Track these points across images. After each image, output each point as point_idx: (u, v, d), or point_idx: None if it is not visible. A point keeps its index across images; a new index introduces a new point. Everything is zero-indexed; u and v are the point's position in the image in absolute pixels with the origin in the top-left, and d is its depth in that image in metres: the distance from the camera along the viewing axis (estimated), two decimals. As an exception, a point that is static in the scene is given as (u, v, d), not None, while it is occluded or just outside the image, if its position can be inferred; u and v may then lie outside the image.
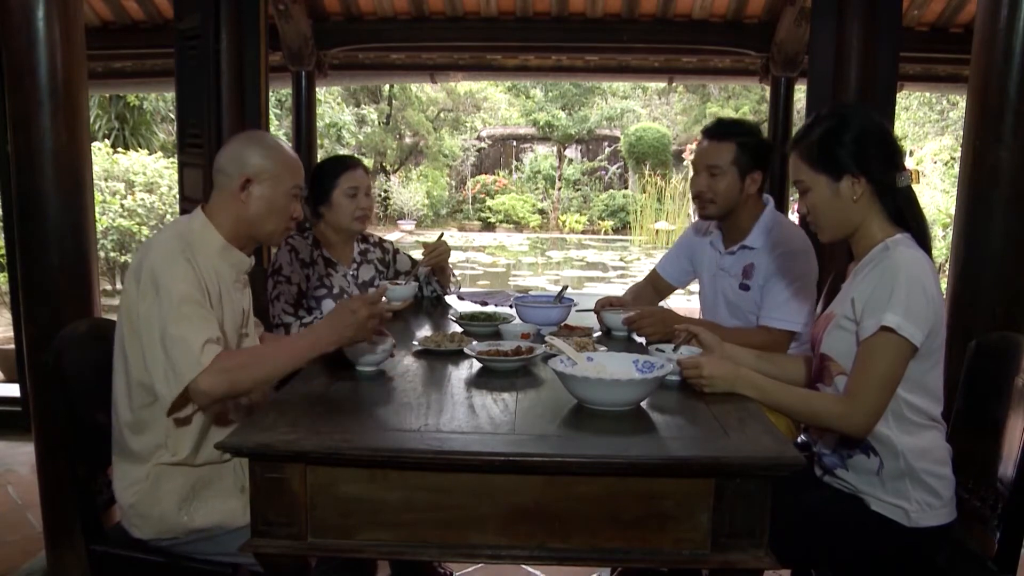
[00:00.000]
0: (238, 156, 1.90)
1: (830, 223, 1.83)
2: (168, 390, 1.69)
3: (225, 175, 1.90)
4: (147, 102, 12.40)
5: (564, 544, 1.45)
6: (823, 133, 1.79)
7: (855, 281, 1.80)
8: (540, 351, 2.02)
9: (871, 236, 1.80)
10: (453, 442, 1.47)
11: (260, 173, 1.88)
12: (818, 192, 1.80)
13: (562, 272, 12.74)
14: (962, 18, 5.27)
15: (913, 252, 1.73)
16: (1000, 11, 2.40)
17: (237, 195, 1.88)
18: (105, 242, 8.61)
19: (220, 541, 1.81)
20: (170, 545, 1.84)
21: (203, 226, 1.88)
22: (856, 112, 1.84)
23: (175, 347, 1.67)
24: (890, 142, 1.80)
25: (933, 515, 1.74)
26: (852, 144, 1.76)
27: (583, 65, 6.83)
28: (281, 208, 1.93)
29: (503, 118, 21.15)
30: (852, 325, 1.75)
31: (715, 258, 2.63)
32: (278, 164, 1.91)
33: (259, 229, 1.92)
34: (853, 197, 1.77)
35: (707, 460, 1.43)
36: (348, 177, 2.73)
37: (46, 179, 2.54)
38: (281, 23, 5.26)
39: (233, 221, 1.90)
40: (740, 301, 2.53)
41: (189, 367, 1.65)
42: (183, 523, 1.81)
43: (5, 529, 3.22)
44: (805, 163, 1.81)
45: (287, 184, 1.92)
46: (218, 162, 1.92)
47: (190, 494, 1.82)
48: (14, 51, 2.51)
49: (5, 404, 4.40)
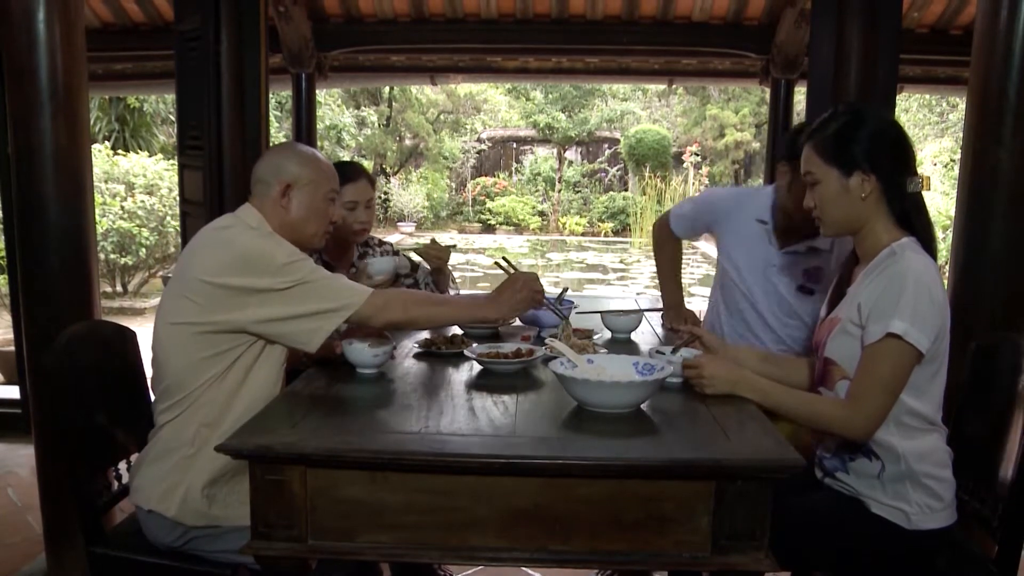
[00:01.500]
0: (276, 165, 1.97)
1: (835, 217, 1.83)
2: (323, 323, 1.79)
3: (264, 184, 1.96)
4: (147, 104, 12.40)
5: (564, 546, 1.45)
6: (839, 127, 1.80)
7: (861, 286, 1.79)
8: (540, 353, 2.02)
9: (876, 237, 1.80)
10: (453, 444, 1.47)
11: (299, 179, 1.95)
12: (827, 185, 1.81)
13: (562, 274, 12.75)
14: (962, 20, 5.27)
15: (920, 258, 1.73)
16: (1000, 13, 2.40)
17: (278, 201, 1.94)
18: (105, 244, 8.61)
19: (228, 539, 1.81)
20: (173, 541, 1.84)
21: (259, 223, 1.93)
22: (874, 112, 1.84)
23: (326, 286, 1.80)
24: (905, 145, 1.80)
25: (934, 518, 1.74)
26: (866, 141, 1.76)
27: (583, 67, 6.84)
28: (321, 211, 1.99)
29: (503, 120, 21.16)
30: (857, 330, 1.74)
31: (768, 252, 2.49)
32: (315, 170, 1.98)
33: (302, 232, 1.97)
34: (862, 195, 1.77)
35: (707, 462, 1.43)
36: (349, 190, 2.62)
37: (46, 181, 2.54)
38: (281, 25, 5.27)
39: (278, 226, 1.94)
40: (798, 304, 2.46)
41: (352, 296, 1.81)
42: (200, 505, 1.81)
43: (5, 531, 3.22)
44: (818, 155, 1.82)
45: (324, 188, 1.99)
46: (256, 174, 1.98)
47: (220, 477, 1.83)
48: (15, 53, 2.51)
49: (5, 406, 4.39)
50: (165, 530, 1.84)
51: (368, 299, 1.81)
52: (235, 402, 1.85)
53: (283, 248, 1.84)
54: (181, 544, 1.85)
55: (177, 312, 1.83)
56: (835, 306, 1.90)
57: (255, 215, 1.94)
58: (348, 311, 1.80)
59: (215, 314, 1.78)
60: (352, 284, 1.85)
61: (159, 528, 1.85)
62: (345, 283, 1.85)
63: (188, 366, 1.82)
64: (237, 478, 1.85)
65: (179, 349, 1.82)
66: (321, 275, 1.83)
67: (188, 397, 1.83)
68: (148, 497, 1.84)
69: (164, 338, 1.85)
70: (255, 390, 1.87)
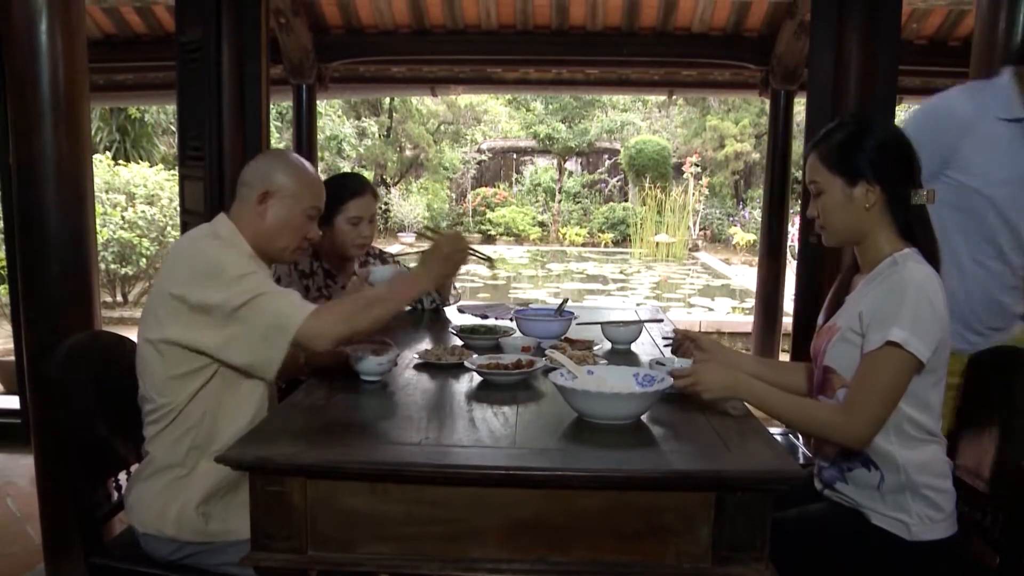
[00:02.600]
0: (262, 170, 1.94)
1: (838, 227, 1.83)
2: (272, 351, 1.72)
3: (247, 187, 1.93)
4: (148, 115, 12.44)
5: (564, 558, 1.45)
6: (845, 136, 1.80)
7: (862, 294, 1.79)
8: (540, 364, 2.02)
9: (879, 248, 1.80)
10: (453, 456, 1.47)
11: (280, 189, 1.91)
12: (832, 195, 1.81)
13: (562, 285, 12.74)
14: (960, 31, 5.30)
15: (922, 267, 1.73)
16: (998, 24, 2.42)
17: (255, 208, 1.91)
18: (106, 254, 8.62)
19: (228, 552, 1.80)
20: (171, 555, 1.84)
21: (232, 233, 1.90)
22: (881, 123, 1.85)
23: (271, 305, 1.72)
24: (911, 157, 1.80)
25: (934, 528, 1.74)
26: (872, 151, 1.76)
27: (583, 78, 6.86)
28: (296, 226, 1.95)
29: (503, 131, 21.19)
30: (858, 339, 1.74)
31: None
32: (299, 183, 1.94)
33: (271, 244, 1.94)
34: (866, 205, 1.78)
35: (708, 473, 1.43)
36: (354, 204, 2.65)
37: (47, 191, 2.55)
38: (282, 36, 5.29)
39: (251, 234, 1.92)
40: None
41: (294, 315, 1.71)
42: (197, 523, 1.80)
43: (4, 541, 3.21)
44: (823, 164, 1.82)
45: (305, 204, 1.95)
46: (243, 176, 1.96)
47: (216, 494, 1.83)
48: (17, 63, 2.52)
49: (5, 416, 4.39)
50: (163, 546, 1.84)
51: (309, 317, 1.71)
52: (221, 421, 1.83)
53: (240, 261, 1.79)
54: (180, 558, 1.84)
55: (148, 327, 1.81)
56: (833, 313, 1.90)
57: (227, 225, 1.91)
58: (293, 329, 1.70)
59: (176, 330, 1.76)
60: (297, 302, 1.75)
61: (156, 545, 1.84)
62: (292, 300, 1.75)
63: (163, 383, 1.81)
64: (231, 494, 1.84)
65: (154, 366, 1.81)
66: (271, 288, 1.76)
67: (168, 415, 1.82)
68: (143, 520, 1.84)
69: (142, 354, 1.84)
70: (241, 407, 1.85)
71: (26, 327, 2.72)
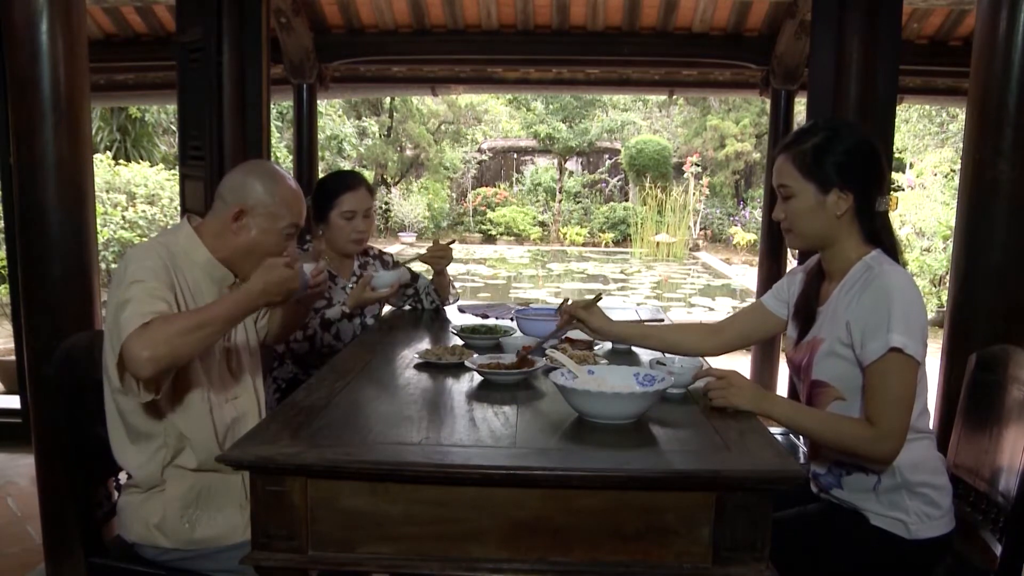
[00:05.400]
0: (240, 185, 1.87)
1: (807, 232, 1.82)
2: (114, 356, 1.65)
3: (223, 202, 1.87)
4: (149, 114, 12.43)
5: (565, 558, 1.45)
6: (819, 142, 1.77)
7: (842, 304, 1.77)
8: (541, 364, 2.02)
9: (846, 254, 1.80)
10: (454, 455, 1.47)
11: (256, 207, 1.85)
12: (802, 200, 1.79)
13: (563, 285, 12.74)
14: (961, 31, 5.29)
15: (897, 268, 1.73)
16: (999, 24, 2.41)
17: (229, 225, 1.85)
18: (106, 254, 8.61)
19: (220, 558, 1.80)
20: (168, 560, 1.84)
21: (188, 239, 1.86)
22: (853, 128, 1.84)
23: (124, 312, 1.61)
24: (880, 164, 1.80)
25: (932, 526, 1.74)
26: (844, 156, 1.75)
27: (584, 78, 6.85)
28: (269, 248, 1.87)
29: (504, 130, 21.18)
30: (848, 350, 1.73)
31: None
32: (278, 201, 1.87)
33: (244, 262, 1.87)
34: (837, 212, 1.77)
35: (708, 473, 1.42)
36: (347, 199, 2.67)
37: (48, 191, 2.55)
38: (283, 36, 5.28)
39: (224, 252, 1.87)
40: None
41: (129, 325, 1.58)
42: (184, 532, 1.80)
43: (4, 541, 3.21)
44: (796, 169, 1.79)
45: (283, 223, 1.89)
46: (220, 187, 1.90)
47: (194, 501, 1.82)
48: (18, 63, 2.52)
49: (5, 416, 4.39)
50: (158, 553, 1.84)
51: (136, 330, 1.57)
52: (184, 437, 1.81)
53: (141, 269, 1.70)
54: (177, 560, 1.84)
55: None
56: (806, 324, 1.88)
57: (185, 230, 1.86)
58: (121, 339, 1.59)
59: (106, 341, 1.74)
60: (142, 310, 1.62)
61: (151, 552, 1.85)
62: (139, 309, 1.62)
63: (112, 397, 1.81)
64: (211, 498, 1.84)
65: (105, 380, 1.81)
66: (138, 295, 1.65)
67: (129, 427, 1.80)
68: (131, 530, 1.85)
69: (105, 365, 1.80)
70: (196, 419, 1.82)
71: (27, 327, 2.72)
